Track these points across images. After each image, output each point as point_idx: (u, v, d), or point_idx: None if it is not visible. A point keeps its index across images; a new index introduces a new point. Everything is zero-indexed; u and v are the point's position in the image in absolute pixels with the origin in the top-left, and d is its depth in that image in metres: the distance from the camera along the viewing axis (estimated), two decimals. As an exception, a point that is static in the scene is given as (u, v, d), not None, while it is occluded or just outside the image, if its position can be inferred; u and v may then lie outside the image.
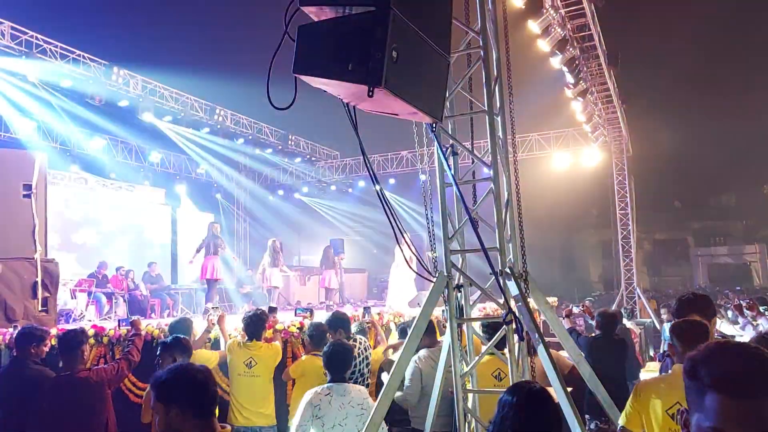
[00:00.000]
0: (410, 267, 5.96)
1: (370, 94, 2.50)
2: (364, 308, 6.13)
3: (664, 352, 5.82)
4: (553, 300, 12.48)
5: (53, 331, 5.33)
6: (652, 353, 11.93)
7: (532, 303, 3.85)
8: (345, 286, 14.82)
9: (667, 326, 8.40)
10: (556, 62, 11.80)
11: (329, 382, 3.71)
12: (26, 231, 7.11)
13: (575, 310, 7.29)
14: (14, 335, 5.65)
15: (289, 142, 18.69)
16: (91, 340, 5.39)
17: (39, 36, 11.25)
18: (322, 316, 6.87)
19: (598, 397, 3.67)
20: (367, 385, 4.83)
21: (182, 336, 4.29)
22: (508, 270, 3.65)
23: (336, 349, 3.82)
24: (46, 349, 4.52)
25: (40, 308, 7.08)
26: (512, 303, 3.56)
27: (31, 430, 3.99)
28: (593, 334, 6.26)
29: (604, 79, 13.84)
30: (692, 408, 1.16)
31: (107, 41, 11.96)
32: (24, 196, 7.14)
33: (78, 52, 11.90)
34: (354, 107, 2.89)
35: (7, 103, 12.14)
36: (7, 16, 10.79)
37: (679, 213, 32.28)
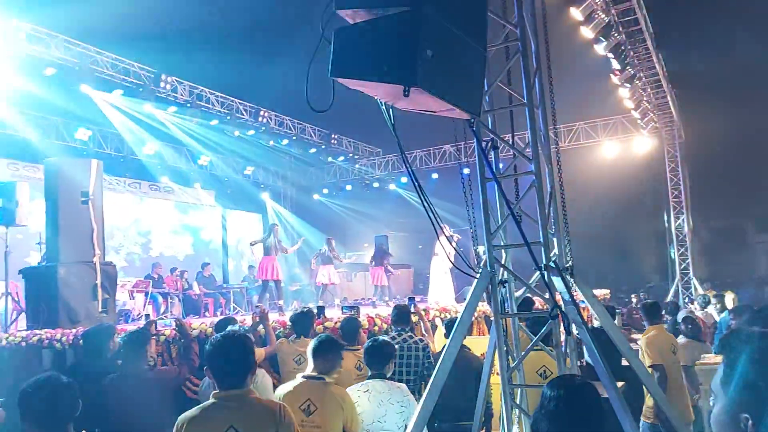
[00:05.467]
0: (450, 261, 5.94)
1: (406, 93, 2.51)
2: (409, 298, 6.13)
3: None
4: (604, 292, 12.16)
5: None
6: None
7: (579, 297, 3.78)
8: (391, 283, 14.85)
9: (724, 316, 8.09)
10: (600, 49, 11.48)
11: (368, 378, 3.66)
12: (85, 236, 7.50)
13: None
14: (79, 335, 5.93)
15: (332, 141, 18.87)
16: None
17: (91, 47, 11.70)
18: (371, 313, 6.94)
19: (651, 394, 3.56)
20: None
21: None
22: (552, 264, 3.60)
23: (373, 344, 3.71)
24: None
25: (100, 309, 7.45)
26: (558, 298, 3.51)
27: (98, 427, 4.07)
28: None
29: (653, 64, 13.37)
30: None
31: (153, 49, 12.33)
32: (82, 202, 7.53)
33: (128, 61, 12.34)
34: (391, 106, 2.90)
35: (64, 111, 12.73)
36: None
37: (738, 199, 30.83)
